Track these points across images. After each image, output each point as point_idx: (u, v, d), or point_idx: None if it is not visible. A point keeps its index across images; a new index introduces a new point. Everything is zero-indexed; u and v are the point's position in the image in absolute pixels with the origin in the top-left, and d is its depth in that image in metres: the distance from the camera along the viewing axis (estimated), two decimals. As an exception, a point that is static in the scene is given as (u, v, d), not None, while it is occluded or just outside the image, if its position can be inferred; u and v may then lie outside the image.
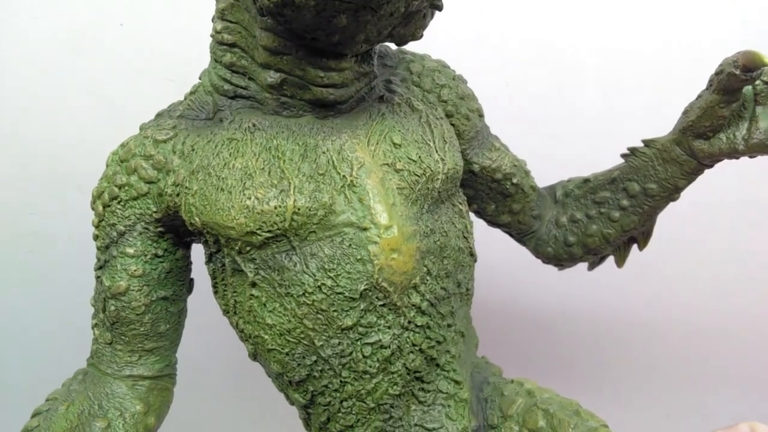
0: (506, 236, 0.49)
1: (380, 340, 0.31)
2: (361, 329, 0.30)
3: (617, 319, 0.56)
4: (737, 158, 0.36)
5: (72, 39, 0.55)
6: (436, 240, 0.32)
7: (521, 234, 0.43)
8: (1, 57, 0.55)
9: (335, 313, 0.30)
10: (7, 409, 0.58)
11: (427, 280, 0.31)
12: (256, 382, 0.61)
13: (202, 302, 0.59)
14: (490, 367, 0.37)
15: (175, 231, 0.34)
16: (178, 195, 0.31)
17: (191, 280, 0.36)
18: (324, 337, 0.30)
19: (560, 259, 0.43)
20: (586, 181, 0.42)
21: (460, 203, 0.35)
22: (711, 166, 0.37)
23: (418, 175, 0.32)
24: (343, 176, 0.30)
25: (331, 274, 0.30)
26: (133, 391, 0.34)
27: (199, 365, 0.61)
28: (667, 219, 0.42)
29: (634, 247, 0.43)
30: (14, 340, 0.57)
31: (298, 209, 0.29)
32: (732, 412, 0.38)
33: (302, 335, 0.31)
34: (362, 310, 0.30)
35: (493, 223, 0.43)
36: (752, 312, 0.52)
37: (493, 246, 0.49)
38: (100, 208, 0.34)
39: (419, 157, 0.32)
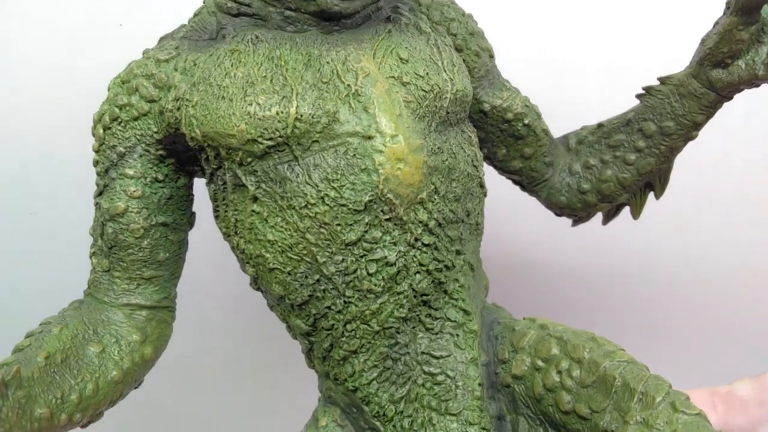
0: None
1: (385, 257, 0.29)
2: (365, 245, 0.29)
3: (629, 274, 0.54)
4: (757, 86, 0.35)
5: (72, 39, 0.55)
6: (444, 159, 0.31)
7: (533, 182, 0.42)
8: (1, 57, 0.56)
9: (339, 227, 0.29)
10: None
11: (435, 198, 0.30)
12: (255, 383, 0.60)
13: (202, 303, 0.59)
14: (500, 310, 0.36)
15: (177, 156, 0.33)
16: (178, 109, 0.31)
17: (193, 214, 0.36)
18: (327, 254, 0.29)
19: (573, 208, 0.42)
20: (600, 126, 0.41)
21: (470, 131, 0.34)
22: (730, 98, 0.36)
23: (425, 91, 0.31)
24: (348, 85, 0.29)
25: (335, 185, 0.29)
26: (130, 319, 0.33)
27: (199, 365, 0.60)
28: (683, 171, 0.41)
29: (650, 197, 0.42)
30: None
31: (301, 116, 0.28)
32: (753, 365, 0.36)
33: (304, 251, 0.29)
34: (367, 224, 0.29)
35: (503, 170, 0.41)
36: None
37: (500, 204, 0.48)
38: (101, 131, 0.33)
39: (427, 73, 0.31)
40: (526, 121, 0.39)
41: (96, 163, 0.33)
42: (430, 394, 0.31)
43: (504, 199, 0.47)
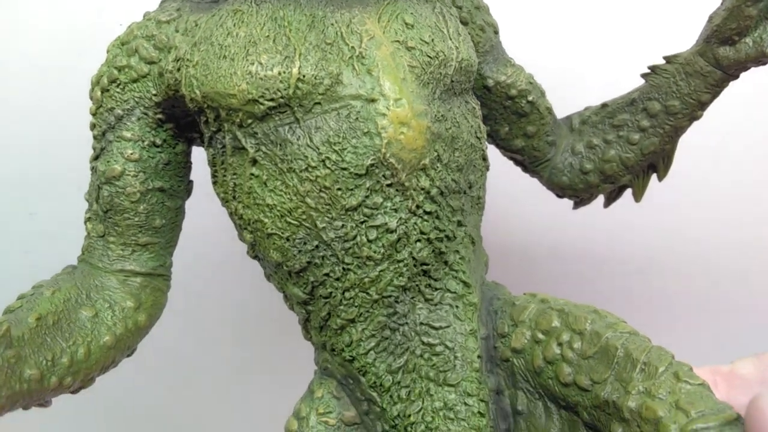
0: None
1: (386, 224, 0.29)
2: (366, 210, 0.29)
3: (628, 256, 0.54)
4: (764, 63, 0.34)
5: (72, 39, 0.55)
6: (447, 128, 0.30)
7: (535, 162, 0.41)
8: (1, 57, 0.55)
9: (339, 192, 0.28)
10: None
11: (438, 166, 0.30)
12: (254, 384, 0.60)
13: (201, 302, 0.59)
14: (499, 287, 0.35)
15: (176, 121, 0.33)
16: (178, 70, 0.30)
17: (190, 182, 0.35)
18: (327, 219, 0.29)
19: (575, 189, 0.41)
20: (604, 106, 0.40)
21: (474, 103, 0.34)
22: (736, 77, 0.36)
23: (430, 57, 0.30)
24: (352, 47, 0.29)
25: (336, 148, 0.28)
26: (125, 286, 0.32)
27: (198, 366, 0.60)
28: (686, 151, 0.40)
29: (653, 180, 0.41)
30: None
31: (303, 76, 0.28)
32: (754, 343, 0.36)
33: (304, 216, 0.29)
34: (368, 188, 0.28)
35: (505, 148, 0.41)
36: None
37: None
38: (99, 93, 0.32)
39: (432, 40, 0.31)
40: (530, 98, 0.38)
41: (93, 127, 0.33)
42: (428, 365, 0.30)
43: (504, 184, 0.47)
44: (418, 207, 0.29)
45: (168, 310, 0.56)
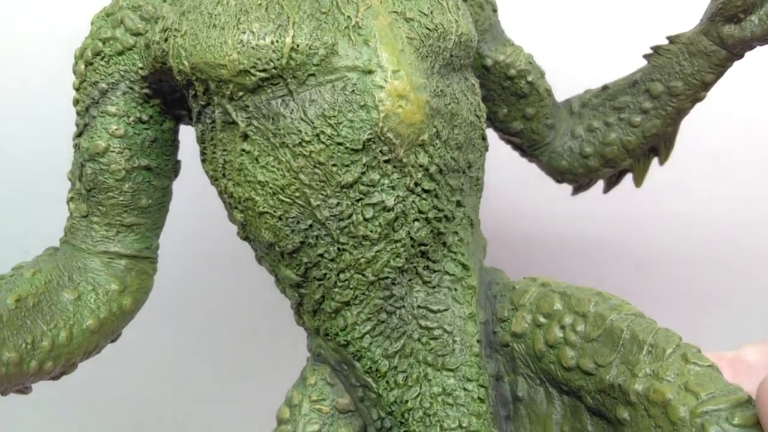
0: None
1: (383, 201, 0.28)
2: (362, 188, 0.28)
3: (629, 242, 0.53)
4: (770, 42, 0.34)
5: (72, 39, 0.54)
6: (447, 103, 0.29)
7: (534, 146, 0.40)
8: (1, 57, 0.54)
9: (334, 168, 0.27)
10: (7, 410, 0.56)
11: (437, 142, 0.29)
12: (253, 383, 0.59)
13: (200, 302, 0.58)
14: (497, 271, 0.34)
15: (163, 97, 0.32)
16: (166, 40, 0.29)
17: (178, 162, 0.34)
18: (321, 196, 0.28)
19: (575, 173, 0.40)
20: (605, 88, 0.39)
21: (474, 80, 0.33)
22: (741, 56, 0.35)
23: (429, 29, 0.29)
24: (348, 17, 0.27)
25: (332, 122, 0.27)
26: (109, 268, 0.31)
27: (197, 365, 0.59)
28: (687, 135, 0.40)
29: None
30: None
31: (297, 46, 0.27)
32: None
33: (297, 193, 0.28)
34: (364, 165, 0.27)
35: (504, 131, 0.40)
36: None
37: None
38: (82, 67, 0.31)
39: (431, 11, 0.29)
40: (530, 79, 0.37)
41: (76, 102, 0.32)
42: (426, 349, 0.29)
43: (503, 169, 0.46)
44: (416, 185, 0.28)
45: (168, 309, 0.55)
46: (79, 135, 0.31)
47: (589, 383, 0.27)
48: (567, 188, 0.42)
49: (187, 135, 0.34)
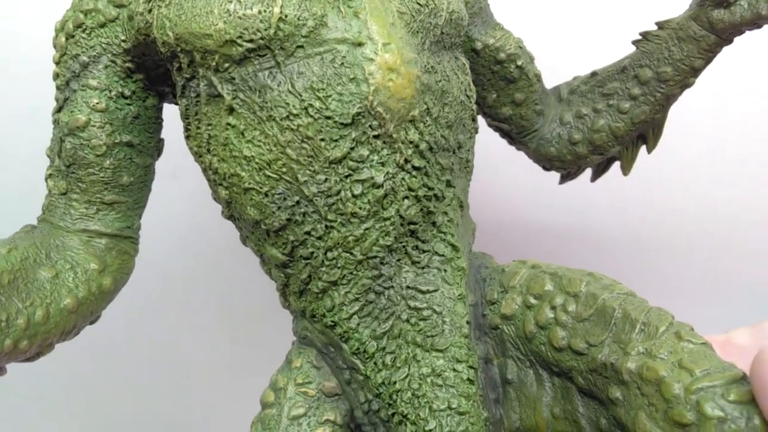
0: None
1: (372, 178, 0.27)
2: (351, 163, 0.27)
3: (618, 228, 0.53)
4: (759, 26, 0.34)
5: None
6: (437, 80, 0.29)
7: (522, 132, 0.40)
8: (1, 57, 0.53)
9: (323, 142, 0.27)
10: (6, 409, 0.57)
11: (427, 119, 0.28)
12: (252, 381, 0.58)
13: (200, 301, 0.57)
14: (486, 256, 0.34)
15: (146, 72, 0.31)
16: (150, 11, 0.28)
17: (161, 140, 0.33)
18: (309, 172, 0.27)
19: (563, 160, 0.40)
20: (594, 74, 0.39)
21: (464, 60, 0.32)
22: (730, 41, 0.35)
23: (420, 5, 0.29)
24: None
25: (320, 95, 0.26)
26: (88, 247, 0.30)
27: (196, 364, 0.59)
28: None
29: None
30: None
31: (285, 16, 0.26)
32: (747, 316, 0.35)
33: (284, 169, 0.27)
34: (353, 140, 0.27)
35: (492, 117, 0.40)
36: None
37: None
38: (63, 39, 0.30)
39: None
40: (519, 63, 0.37)
41: (56, 77, 0.31)
42: (414, 330, 0.28)
43: (493, 155, 0.46)
44: (406, 161, 0.28)
45: (168, 309, 0.54)
46: (58, 110, 0.30)
47: (580, 363, 0.26)
48: (555, 176, 0.42)
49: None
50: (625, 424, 0.24)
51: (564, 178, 0.43)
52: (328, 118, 0.26)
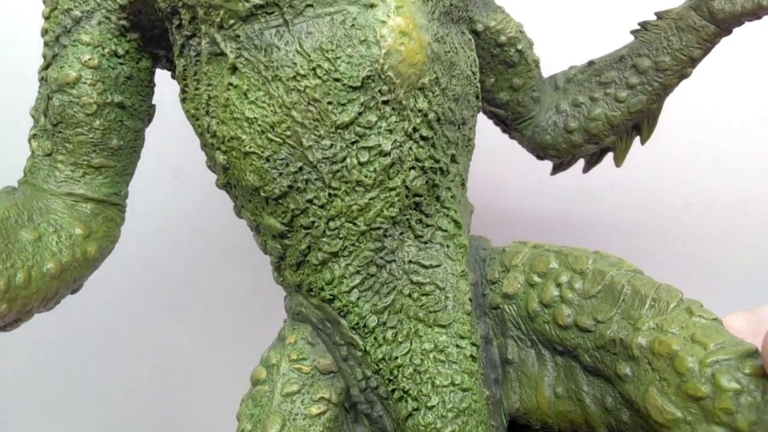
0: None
1: (380, 145, 0.26)
2: (358, 129, 0.26)
3: (613, 213, 0.53)
4: (759, 17, 0.34)
5: None
6: (446, 51, 0.28)
7: (518, 119, 0.40)
8: (1, 57, 0.52)
9: (330, 106, 0.26)
10: (6, 409, 0.56)
11: (435, 90, 0.27)
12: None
13: (199, 301, 0.55)
14: (483, 239, 0.33)
15: (141, 32, 0.29)
16: None
17: (152, 106, 0.31)
18: (314, 137, 0.26)
19: (558, 148, 0.40)
20: (591, 63, 0.39)
21: (470, 36, 0.32)
22: (729, 32, 0.35)
23: None
24: None
25: (329, 56, 0.25)
26: (73, 211, 0.28)
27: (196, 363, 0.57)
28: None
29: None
30: (16, 343, 0.53)
31: None
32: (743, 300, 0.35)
33: (288, 132, 0.26)
34: (362, 104, 0.26)
35: (489, 102, 0.39)
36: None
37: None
38: None
39: None
40: (519, 47, 0.37)
41: (44, 32, 0.29)
42: (416, 305, 0.27)
43: (490, 142, 0.45)
44: (414, 130, 0.27)
45: (168, 309, 0.52)
46: (46, 67, 0.29)
47: (587, 341, 0.26)
48: (549, 164, 0.42)
49: (187, 126, 0.32)
50: (633, 400, 0.24)
51: (556, 169, 0.43)
52: (337, 80, 0.25)
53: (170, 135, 0.33)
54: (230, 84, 0.26)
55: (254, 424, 0.26)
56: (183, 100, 0.29)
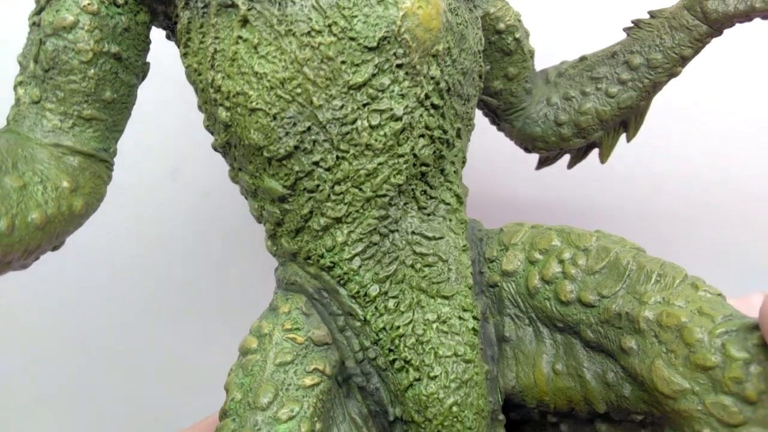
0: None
1: (392, 109, 0.26)
2: (371, 91, 0.25)
3: (608, 202, 0.54)
4: (750, 19, 0.35)
5: None
6: (459, 23, 0.28)
7: (509, 110, 0.40)
8: (1, 57, 0.49)
9: (343, 65, 0.25)
10: (6, 409, 0.54)
11: (447, 60, 0.27)
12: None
13: (198, 299, 0.53)
14: (476, 221, 0.33)
15: None
16: None
17: (147, 64, 0.30)
18: (325, 96, 0.25)
19: (547, 141, 0.40)
20: (583, 59, 0.40)
21: (477, 14, 0.32)
22: (720, 33, 0.36)
23: None
24: None
25: (346, 14, 0.25)
26: (60, 163, 0.27)
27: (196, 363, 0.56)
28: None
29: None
30: (16, 344, 0.54)
31: None
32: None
33: (299, 90, 0.25)
34: (376, 66, 0.25)
35: (483, 90, 0.39)
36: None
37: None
38: None
39: None
40: (517, 36, 0.37)
41: None
42: (419, 275, 0.27)
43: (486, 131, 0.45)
44: (426, 97, 0.26)
45: (168, 310, 0.50)
46: (39, 11, 0.27)
47: (590, 316, 0.26)
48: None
49: (188, 120, 0.30)
50: (638, 373, 0.24)
51: (542, 163, 0.43)
52: (352, 39, 0.25)
53: (170, 135, 0.31)
54: (239, 37, 0.25)
55: (245, 393, 0.25)
56: (185, 55, 0.28)
